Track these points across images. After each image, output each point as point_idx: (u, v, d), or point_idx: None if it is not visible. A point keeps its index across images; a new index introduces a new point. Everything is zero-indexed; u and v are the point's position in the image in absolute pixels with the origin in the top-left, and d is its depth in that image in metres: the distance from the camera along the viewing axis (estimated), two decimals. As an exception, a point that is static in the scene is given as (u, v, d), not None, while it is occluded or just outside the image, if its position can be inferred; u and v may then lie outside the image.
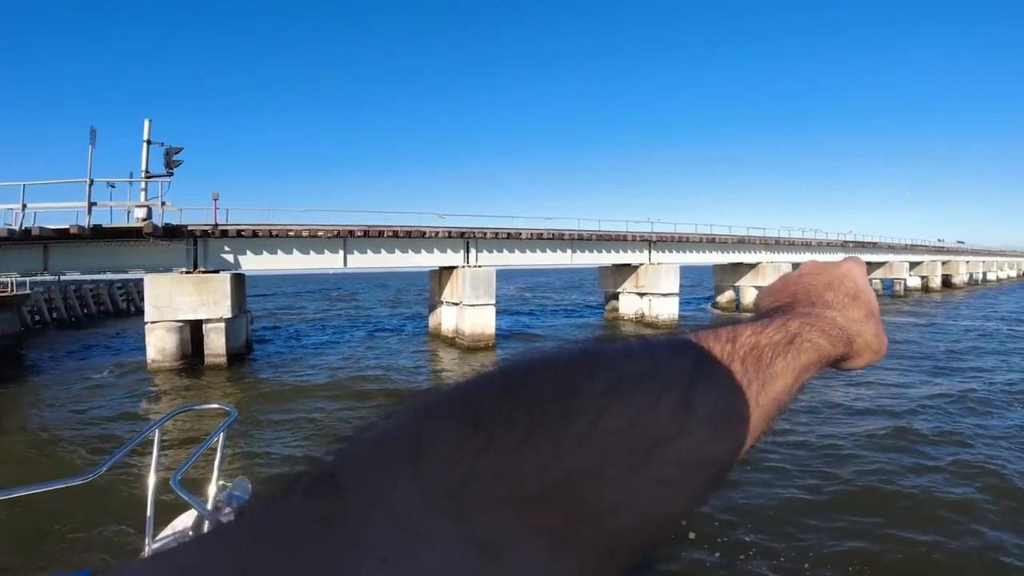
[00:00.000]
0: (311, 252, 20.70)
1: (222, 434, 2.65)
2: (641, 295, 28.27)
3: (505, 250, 24.46)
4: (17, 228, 16.22)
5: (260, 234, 19.56)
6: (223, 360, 17.80)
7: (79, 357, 20.92)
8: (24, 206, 16.42)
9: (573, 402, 0.31)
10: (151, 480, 2.47)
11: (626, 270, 28.88)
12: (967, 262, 61.13)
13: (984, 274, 67.07)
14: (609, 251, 27.59)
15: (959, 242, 66.51)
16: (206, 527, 2.33)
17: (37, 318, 28.06)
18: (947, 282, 55.38)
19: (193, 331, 17.98)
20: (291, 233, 20.06)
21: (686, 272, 30.55)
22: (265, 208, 21.04)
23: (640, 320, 27.90)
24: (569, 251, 26.32)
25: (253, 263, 19.88)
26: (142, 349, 18.06)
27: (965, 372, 15.37)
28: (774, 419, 0.40)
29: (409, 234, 21.94)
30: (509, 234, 24.16)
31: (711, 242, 31.08)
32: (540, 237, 25.11)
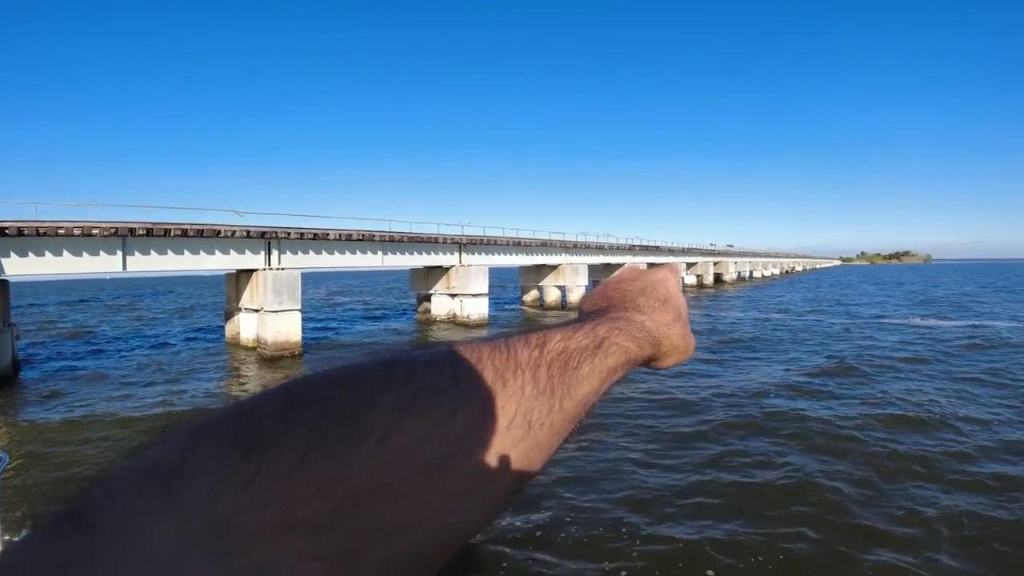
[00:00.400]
0: (84, 254, 18.26)
1: None
2: (453, 296, 29.43)
3: (312, 251, 23.98)
4: None
5: (26, 232, 16.84)
6: (-17, 385, 15.14)
7: None
8: None
9: (360, 420, 0.30)
10: None
11: (438, 272, 29.87)
12: (735, 262, 72.08)
13: (751, 272, 79.76)
14: (421, 253, 28.32)
15: (729, 245, 78.47)
16: None
17: None
18: (719, 279, 64.90)
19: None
20: (61, 231, 17.47)
21: (495, 273, 32.30)
22: (31, 202, 18.05)
23: (452, 321, 29.01)
24: (380, 253, 26.56)
25: (18, 267, 17.01)
26: None
27: (742, 361, 17.27)
28: (581, 420, 0.42)
29: (202, 233, 20.36)
30: (316, 234, 23.72)
31: (517, 245, 33.31)
32: (350, 238, 25.02)
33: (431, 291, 30.35)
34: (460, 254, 29.89)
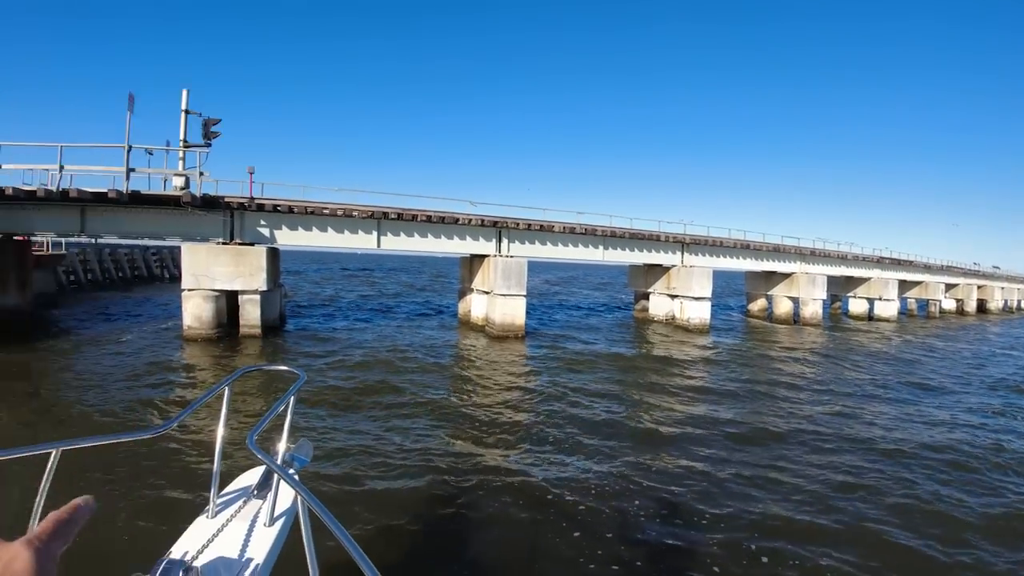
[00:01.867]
0: (345, 231, 20.56)
1: (292, 397, 2.75)
2: (672, 297, 27.80)
3: (537, 242, 24.12)
4: (55, 189, 16.20)
5: (296, 210, 19.45)
6: (258, 331, 18.05)
7: (112, 319, 21.13)
8: (62, 167, 16.32)
9: None
10: (219, 436, 2.52)
11: (657, 270, 28.46)
12: (1002, 288, 59.29)
13: (1020, 302, 64.98)
14: (641, 250, 27.08)
15: (994, 267, 64.53)
16: (275, 483, 2.44)
17: (72, 278, 28.37)
18: (982, 307, 53.83)
19: (229, 301, 18.15)
20: (326, 211, 19.90)
21: (718, 277, 29.99)
22: (299, 185, 20.90)
23: (671, 322, 27.49)
24: (601, 247, 25.88)
25: (288, 238, 19.79)
26: (178, 315, 18.16)
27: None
28: None
29: (442, 219, 21.67)
30: (542, 226, 23.80)
31: (745, 248, 30.39)
32: (572, 231, 24.70)
33: (650, 290, 29.07)
34: (682, 254, 28.05)
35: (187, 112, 18.40)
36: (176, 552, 2.10)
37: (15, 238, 18.73)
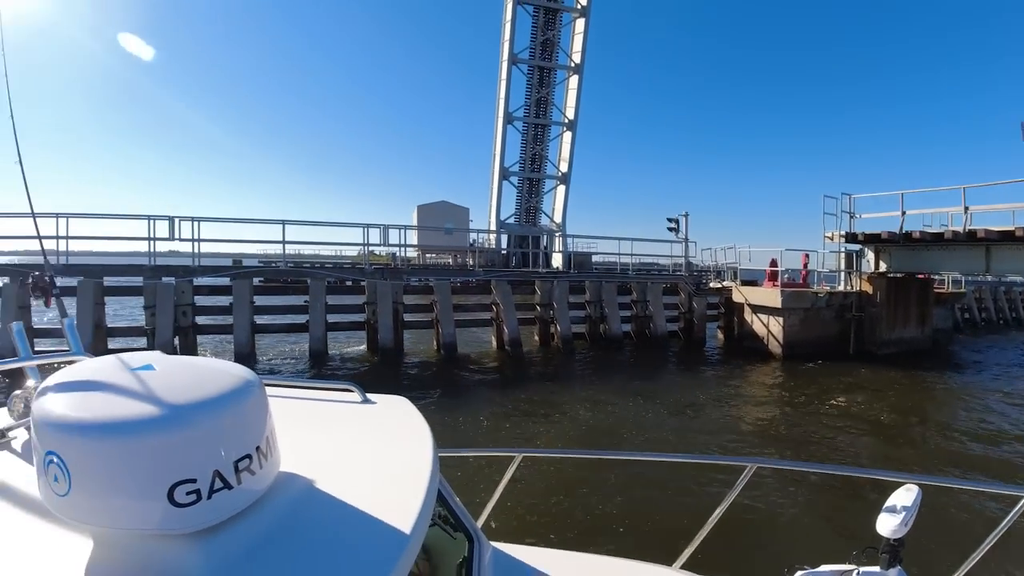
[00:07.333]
0: None
1: None
2: None
3: None
4: (961, 230, 17.01)
5: None
6: None
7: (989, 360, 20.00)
8: (966, 208, 17.04)
9: None
10: None
11: None
12: None
13: None
14: None
15: None
16: None
17: (967, 315, 28.70)
18: None
19: None
20: None
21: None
22: None
23: None
24: None
25: None
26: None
27: None
28: None
29: None
30: None
31: None
32: None
33: None
34: None
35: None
36: None
37: (918, 276, 20.65)
